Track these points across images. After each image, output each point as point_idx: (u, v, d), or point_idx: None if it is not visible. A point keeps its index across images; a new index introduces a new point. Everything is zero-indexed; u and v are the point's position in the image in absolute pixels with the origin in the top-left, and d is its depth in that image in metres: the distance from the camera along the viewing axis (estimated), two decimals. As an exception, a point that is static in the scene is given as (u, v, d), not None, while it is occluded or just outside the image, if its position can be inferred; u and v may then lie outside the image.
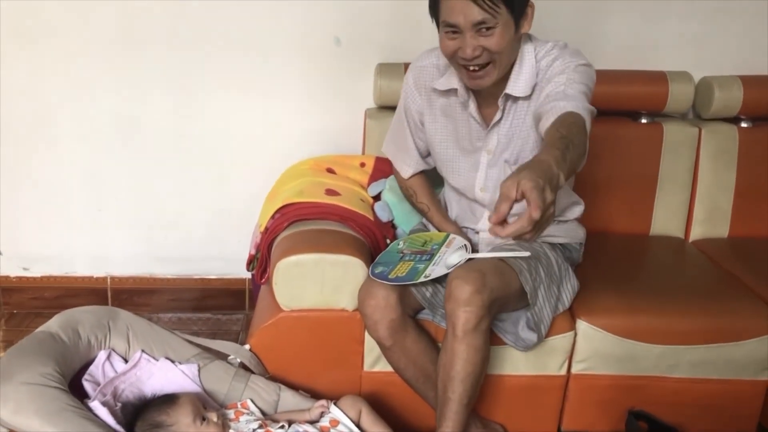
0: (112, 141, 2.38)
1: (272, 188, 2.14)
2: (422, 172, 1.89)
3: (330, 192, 1.95)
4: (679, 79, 2.22)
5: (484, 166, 1.72)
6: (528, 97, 1.62)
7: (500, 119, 1.66)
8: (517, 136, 1.66)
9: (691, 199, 2.28)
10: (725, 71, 2.29)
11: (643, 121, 2.27)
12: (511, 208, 1.16)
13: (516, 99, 1.63)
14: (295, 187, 2.01)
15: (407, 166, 1.87)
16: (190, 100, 2.35)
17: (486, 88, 1.60)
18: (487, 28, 1.49)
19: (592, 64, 1.56)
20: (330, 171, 2.15)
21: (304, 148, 2.34)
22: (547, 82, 1.54)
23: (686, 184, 2.26)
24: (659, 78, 2.22)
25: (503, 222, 1.18)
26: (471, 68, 1.56)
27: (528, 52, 1.59)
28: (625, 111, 2.27)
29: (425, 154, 1.86)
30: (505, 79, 1.60)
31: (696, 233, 2.29)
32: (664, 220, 2.27)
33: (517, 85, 1.60)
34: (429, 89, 1.73)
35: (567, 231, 1.83)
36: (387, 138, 1.92)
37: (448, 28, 1.53)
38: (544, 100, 1.51)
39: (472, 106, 1.67)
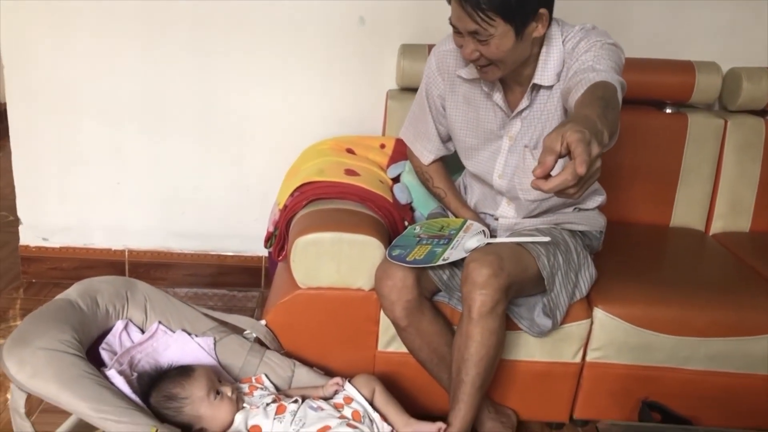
0: (133, 115, 2.38)
1: (292, 166, 2.14)
2: (440, 159, 1.88)
3: (349, 172, 1.95)
4: (707, 69, 2.19)
5: (505, 152, 1.70)
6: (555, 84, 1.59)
7: (525, 108, 1.64)
8: (538, 120, 1.64)
9: (714, 191, 2.26)
10: (754, 62, 2.26)
11: (668, 111, 2.25)
12: (556, 161, 1.08)
13: (544, 87, 1.60)
14: (314, 166, 2.01)
15: (428, 152, 1.85)
16: (212, 77, 2.35)
17: (509, 75, 1.58)
18: (482, 39, 1.46)
19: (619, 45, 1.53)
20: (350, 151, 2.15)
21: (324, 127, 2.34)
22: (574, 61, 1.52)
23: (709, 176, 2.24)
24: (686, 68, 2.19)
25: (547, 176, 1.09)
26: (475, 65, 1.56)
27: (555, 37, 1.56)
28: (650, 100, 2.25)
29: (446, 140, 1.84)
30: (530, 65, 1.58)
31: (717, 226, 2.27)
32: (685, 212, 2.26)
33: (545, 73, 1.57)
34: (452, 75, 1.71)
35: (587, 219, 1.81)
36: (406, 123, 1.91)
37: (453, 27, 1.52)
38: (572, 76, 1.48)
39: (498, 95, 1.65)
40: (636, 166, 2.21)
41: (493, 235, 1.74)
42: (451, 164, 1.91)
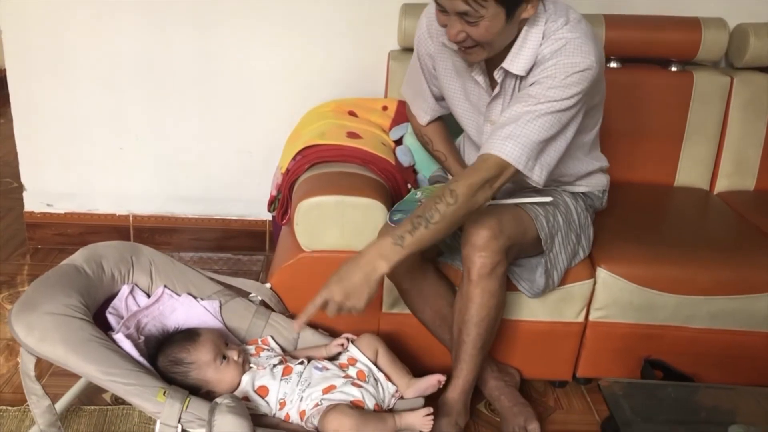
0: (133, 80, 2.37)
1: (294, 130, 2.13)
2: (440, 119, 1.85)
3: (351, 135, 1.94)
4: (713, 25, 2.15)
5: (488, 136, 1.67)
6: (527, 77, 1.52)
7: (499, 93, 1.59)
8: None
9: (719, 150, 2.24)
10: (762, 18, 2.22)
11: (674, 69, 2.22)
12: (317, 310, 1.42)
13: (516, 76, 1.54)
14: (316, 129, 1.99)
15: (424, 112, 1.82)
16: (212, 41, 2.33)
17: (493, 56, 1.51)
18: (471, 21, 1.39)
19: (592, 65, 1.44)
20: (352, 114, 2.14)
21: (326, 90, 2.33)
22: (536, 75, 1.47)
23: (714, 134, 2.22)
24: (692, 24, 2.15)
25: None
26: (459, 47, 1.49)
27: (538, 24, 1.48)
28: (655, 58, 2.22)
29: (440, 98, 1.80)
30: (508, 49, 1.51)
31: (721, 185, 2.26)
32: (690, 171, 2.24)
33: (516, 61, 1.50)
34: (440, 40, 1.65)
35: (588, 180, 1.80)
36: (405, 80, 1.87)
37: (437, 5, 1.43)
38: (506, 111, 1.49)
39: (478, 74, 1.59)
40: (640, 126, 2.19)
41: (493, 197, 1.73)
42: (452, 126, 1.89)
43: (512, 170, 1.46)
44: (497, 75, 1.56)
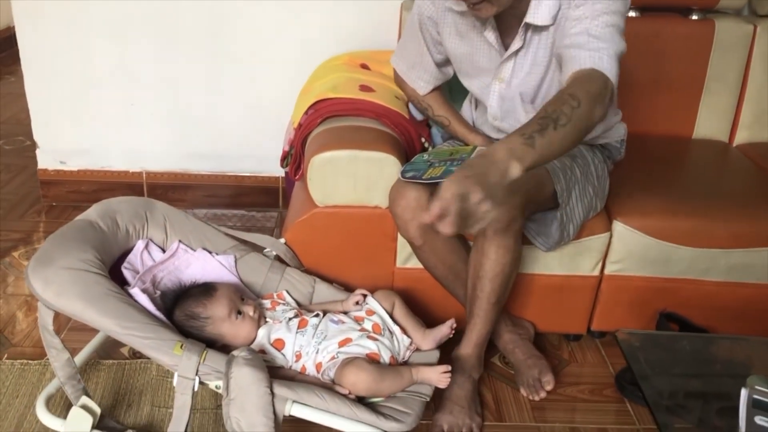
0: (144, 35, 2.34)
1: (305, 84, 2.11)
2: (437, 87, 1.80)
3: (364, 88, 1.91)
4: (736, -29, 2.09)
5: (496, 96, 1.63)
6: (550, 26, 1.47)
7: (520, 48, 1.53)
8: (529, 65, 1.54)
9: (739, 101, 2.19)
10: (788, -38, 2.15)
11: (694, 17, 2.15)
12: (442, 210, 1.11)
13: (538, 28, 1.49)
14: (328, 82, 1.97)
15: (425, 82, 1.77)
16: (222, -6, 2.29)
17: (506, 10, 1.45)
18: None
19: None
20: (364, 67, 2.10)
21: (338, 42, 2.29)
22: (574, 7, 1.38)
23: (735, 85, 2.17)
24: (714, -30, 2.09)
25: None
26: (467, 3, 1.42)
27: None
28: (675, 6, 2.16)
29: (442, 64, 1.74)
30: (520, 4, 1.45)
31: (741, 137, 2.22)
32: (709, 123, 2.20)
33: (538, 12, 1.44)
34: (443, 5, 1.59)
35: (605, 131, 1.77)
36: (397, 52, 1.80)
37: None
38: (565, 40, 1.36)
39: (491, 33, 1.54)
40: (659, 77, 2.14)
41: None
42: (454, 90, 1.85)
43: (611, 89, 1.28)
44: (521, 31, 1.49)
